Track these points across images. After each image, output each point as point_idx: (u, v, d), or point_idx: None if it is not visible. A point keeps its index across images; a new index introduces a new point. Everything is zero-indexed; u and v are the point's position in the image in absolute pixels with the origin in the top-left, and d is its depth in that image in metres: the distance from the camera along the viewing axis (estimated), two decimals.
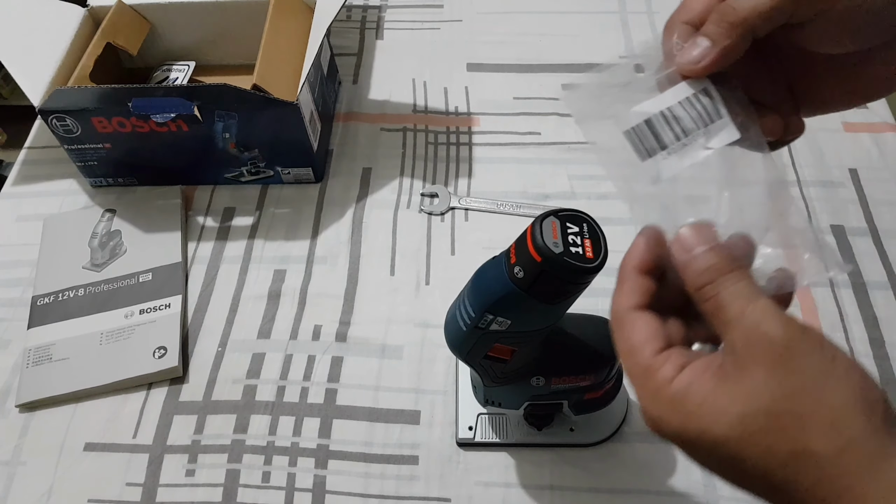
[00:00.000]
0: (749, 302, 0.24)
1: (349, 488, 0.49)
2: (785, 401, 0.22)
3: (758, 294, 0.24)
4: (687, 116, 0.28)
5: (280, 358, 0.55)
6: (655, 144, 0.28)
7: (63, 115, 0.59)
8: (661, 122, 0.28)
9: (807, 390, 0.22)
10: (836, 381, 0.22)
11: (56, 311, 0.57)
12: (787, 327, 0.23)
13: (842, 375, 0.22)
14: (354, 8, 0.83)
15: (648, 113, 0.28)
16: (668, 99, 0.28)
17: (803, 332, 0.23)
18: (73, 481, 0.50)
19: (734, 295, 0.24)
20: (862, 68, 0.28)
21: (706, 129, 0.28)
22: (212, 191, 0.66)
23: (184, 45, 0.71)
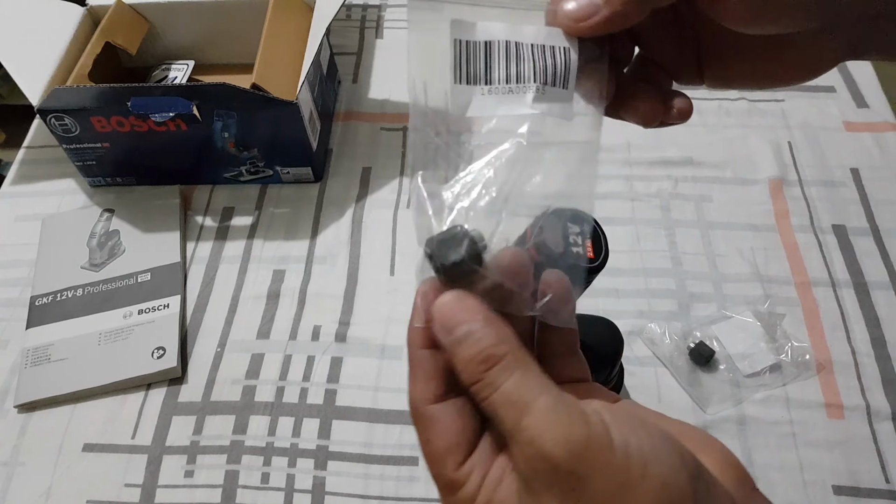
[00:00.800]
0: (523, 412, 0.19)
1: (349, 489, 0.49)
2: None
3: (535, 393, 0.20)
4: (532, 64, 0.23)
5: (279, 358, 0.55)
6: (483, 73, 0.24)
7: (62, 115, 0.58)
8: (501, 54, 0.24)
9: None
10: (634, 498, 0.19)
11: (54, 312, 0.57)
12: (568, 444, 0.19)
13: (645, 490, 0.19)
14: (354, 7, 0.82)
15: (494, 37, 0.23)
16: (526, 35, 0.24)
17: (587, 445, 0.19)
18: (71, 482, 0.50)
19: (506, 400, 0.20)
20: (780, 52, 0.25)
21: (543, 88, 0.24)
22: (211, 190, 0.66)
23: (183, 44, 0.70)
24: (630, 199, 0.63)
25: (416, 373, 0.23)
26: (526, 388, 0.20)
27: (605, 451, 0.19)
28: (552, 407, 0.19)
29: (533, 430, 0.19)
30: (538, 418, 0.19)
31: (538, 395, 0.20)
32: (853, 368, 0.52)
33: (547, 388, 0.20)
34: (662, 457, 0.19)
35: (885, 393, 0.51)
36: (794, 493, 0.47)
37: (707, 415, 0.50)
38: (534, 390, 0.20)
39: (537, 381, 0.20)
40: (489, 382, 0.20)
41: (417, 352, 0.23)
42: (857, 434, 0.49)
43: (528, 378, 0.20)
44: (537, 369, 0.21)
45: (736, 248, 0.59)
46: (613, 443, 0.19)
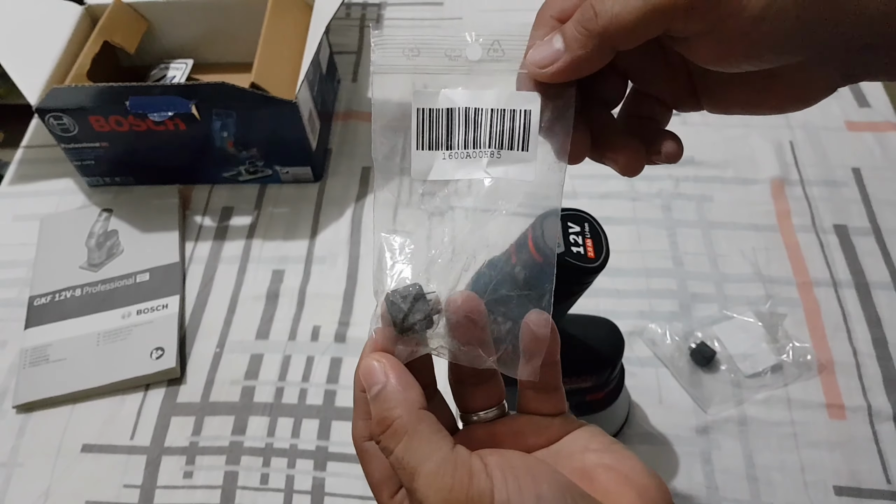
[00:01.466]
0: (412, 476, 0.21)
1: (348, 490, 0.49)
2: None
3: (421, 458, 0.22)
4: (489, 130, 0.24)
5: (278, 359, 0.55)
6: (444, 139, 0.25)
7: (60, 114, 0.58)
8: (461, 120, 0.25)
9: None
10: None
11: (53, 312, 0.57)
12: (448, 502, 0.21)
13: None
14: (353, 5, 0.82)
15: (455, 103, 0.24)
16: (486, 100, 0.24)
17: (466, 502, 0.21)
18: (70, 483, 0.50)
19: (398, 464, 0.22)
20: (769, 83, 0.24)
21: (498, 152, 0.25)
22: (210, 190, 0.66)
23: (181, 43, 0.70)
24: (631, 199, 0.63)
25: (356, 412, 0.25)
26: (412, 454, 0.22)
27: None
28: (436, 470, 0.21)
29: (421, 493, 0.21)
30: (423, 482, 0.21)
31: (424, 459, 0.22)
32: (854, 369, 0.52)
33: (435, 450, 0.22)
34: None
35: (886, 393, 0.51)
36: (796, 493, 0.47)
37: (708, 415, 0.50)
38: (419, 455, 0.22)
39: (426, 444, 0.22)
40: (384, 446, 0.23)
41: (357, 394, 0.25)
42: (859, 434, 0.49)
43: (415, 443, 0.22)
44: (429, 429, 0.22)
45: (737, 248, 0.59)
46: (495, 500, 0.21)
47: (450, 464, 0.22)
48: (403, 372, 0.23)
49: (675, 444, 0.49)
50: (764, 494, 0.47)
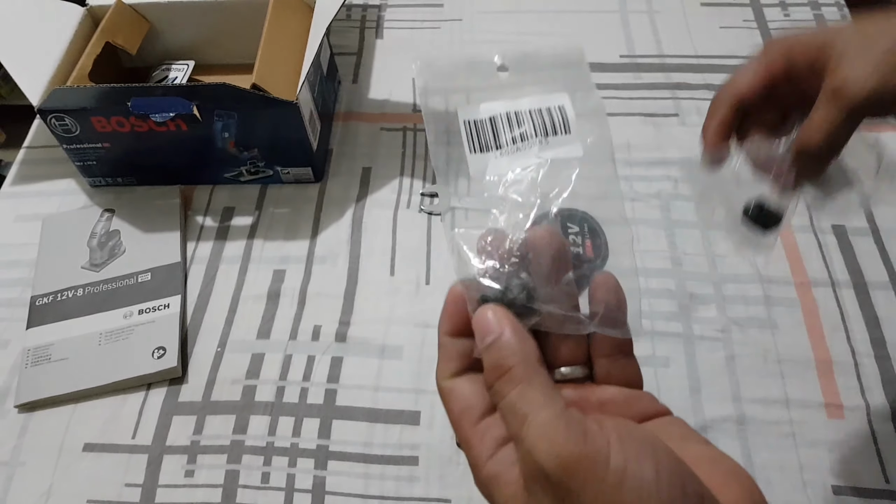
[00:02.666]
0: (522, 423, 0.21)
1: (349, 489, 0.49)
2: None
3: (535, 407, 0.22)
4: (534, 124, 0.28)
5: (279, 358, 0.55)
6: (493, 142, 0.29)
7: (62, 115, 0.58)
8: (505, 124, 0.29)
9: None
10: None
11: (55, 312, 0.57)
12: (560, 458, 0.20)
13: (630, 498, 0.20)
14: (354, 7, 0.82)
15: (496, 112, 0.28)
16: (523, 105, 0.29)
17: (580, 461, 0.20)
18: (72, 482, 0.50)
19: (510, 409, 0.22)
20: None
21: (545, 139, 0.29)
22: (211, 190, 0.66)
23: (183, 44, 0.70)
24: (630, 200, 0.63)
25: (440, 355, 0.26)
26: (526, 401, 0.22)
27: (599, 469, 0.20)
28: (550, 422, 0.21)
29: (530, 441, 0.21)
30: (535, 431, 0.21)
31: (539, 408, 0.22)
32: (853, 368, 0.52)
33: (550, 403, 0.22)
34: (662, 486, 0.20)
35: (884, 393, 0.51)
36: (794, 493, 0.47)
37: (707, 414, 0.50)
38: (534, 403, 0.22)
39: (540, 395, 0.22)
40: (497, 390, 0.23)
41: (442, 338, 0.26)
42: (857, 434, 0.49)
43: (530, 392, 0.22)
44: (544, 384, 0.23)
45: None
46: (610, 463, 0.20)
47: (563, 419, 0.21)
48: (518, 325, 0.24)
49: None
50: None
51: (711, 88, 0.68)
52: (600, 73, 0.73)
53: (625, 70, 0.73)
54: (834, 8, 0.78)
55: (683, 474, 0.21)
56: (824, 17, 0.77)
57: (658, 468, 0.20)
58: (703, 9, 0.78)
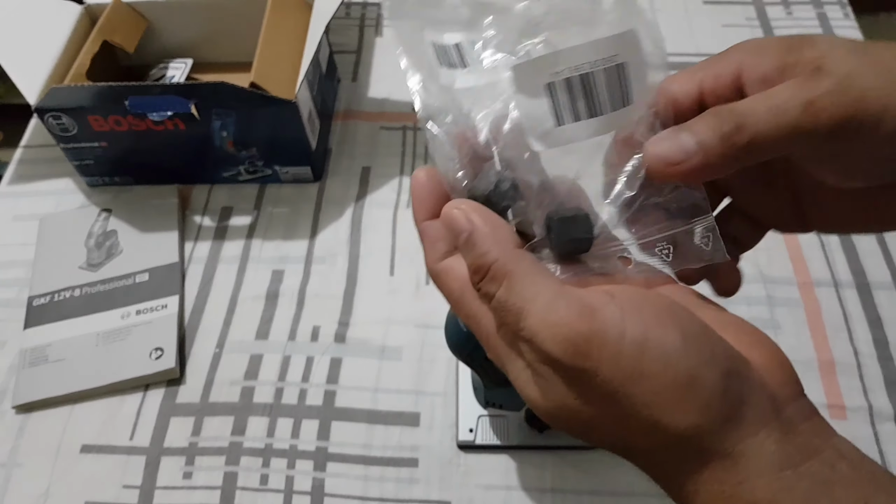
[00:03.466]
0: (519, 316, 0.20)
1: (348, 491, 0.48)
2: (590, 410, 0.20)
3: (528, 296, 0.20)
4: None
5: (278, 359, 0.55)
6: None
7: (59, 114, 0.58)
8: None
9: (612, 397, 0.19)
10: (650, 388, 0.19)
11: (52, 312, 0.57)
12: (567, 341, 0.19)
13: (663, 381, 0.19)
14: (353, 5, 0.82)
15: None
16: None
17: (590, 339, 0.19)
18: (69, 483, 0.50)
19: (502, 308, 0.21)
20: (887, 200, 0.24)
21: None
22: (209, 190, 0.66)
23: (181, 42, 0.70)
24: None
25: (424, 243, 0.25)
26: (516, 294, 0.20)
27: (613, 343, 0.19)
28: (548, 307, 0.20)
29: (530, 332, 0.20)
30: (534, 320, 0.20)
31: (532, 297, 0.20)
32: (856, 369, 0.52)
33: (542, 288, 0.20)
34: (691, 351, 0.19)
35: (887, 394, 0.51)
36: None
37: None
38: (525, 294, 0.20)
39: (529, 284, 0.20)
40: (485, 293, 0.21)
41: (421, 225, 0.25)
42: (860, 435, 0.49)
43: (517, 283, 0.20)
44: (530, 270, 0.21)
45: None
46: (626, 334, 0.19)
47: (562, 298, 0.20)
48: (488, 213, 0.22)
49: None
50: None
51: None
52: None
53: None
54: (836, 6, 0.77)
55: (710, 337, 0.20)
56: (826, 15, 0.77)
57: (684, 332, 0.19)
58: (706, 7, 0.78)
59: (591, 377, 0.19)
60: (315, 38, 0.58)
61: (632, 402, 0.19)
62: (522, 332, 0.20)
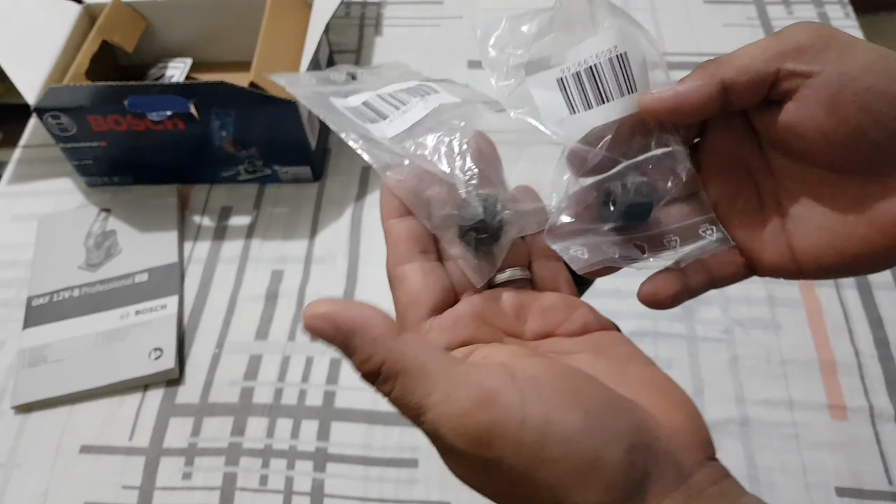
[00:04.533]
0: (419, 412, 0.20)
1: (348, 492, 0.48)
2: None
3: (423, 394, 0.20)
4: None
5: (278, 359, 0.55)
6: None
7: (58, 114, 0.58)
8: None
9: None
10: (551, 475, 0.19)
11: (51, 312, 0.57)
12: (467, 435, 0.19)
13: (564, 466, 0.19)
14: (353, 4, 0.82)
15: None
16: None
17: (491, 430, 0.19)
18: (68, 484, 0.49)
19: (401, 405, 0.20)
20: (874, 198, 0.23)
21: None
22: (208, 190, 0.65)
23: (180, 42, 0.70)
24: None
25: (387, 243, 0.25)
26: (410, 393, 0.20)
27: (513, 432, 0.18)
28: (446, 399, 0.19)
29: (432, 426, 0.19)
30: (434, 414, 0.19)
31: (429, 392, 0.19)
32: (856, 369, 0.52)
33: (438, 380, 0.19)
34: (594, 430, 0.19)
35: (888, 394, 0.51)
36: (797, 495, 0.47)
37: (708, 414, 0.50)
38: (419, 392, 0.19)
39: (422, 378, 0.20)
40: (382, 391, 0.20)
41: (386, 224, 0.25)
42: (861, 435, 0.49)
43: (409, 382, 0.20)
44: (419, 361, 0.20)
45: None
46: (526, 421, 0.19)
47: (461, 387, 0.19)
48: (347, 307, 0.20)
49: None
50: (765, 495, 0.47)
51: None
52: None
53: None
54: (837, 6, 0.77)
55: (615, 411, 0.20)
56: (827, 14, 0.77)
57: (586, 411, 0.19)
58: (706, 6, 0.78)
59: (496, 465, 0.19)
60: (315, 38, 0.58)
61: (536, 486, 0.19)
62: (424, 427, 0.20)
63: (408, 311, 0.23)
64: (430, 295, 0.24)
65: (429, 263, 0.25)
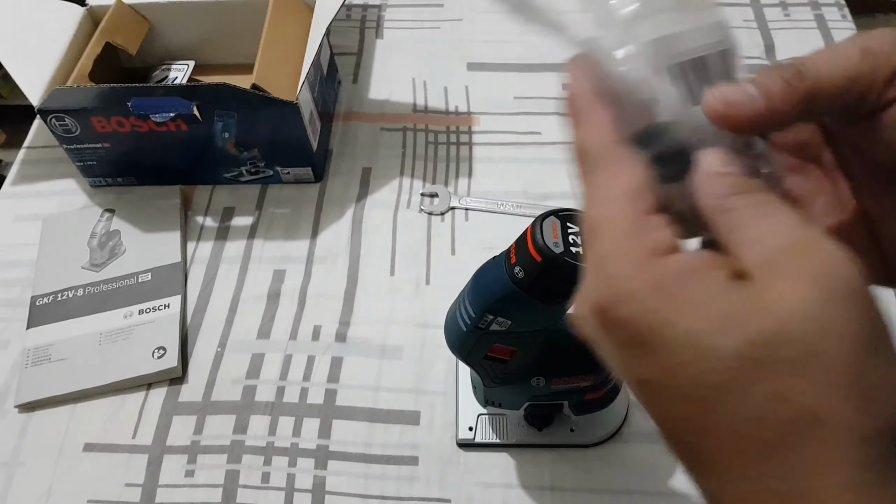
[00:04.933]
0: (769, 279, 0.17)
1: (349, 489, 0.49)
2: (825, 338, 0.16)
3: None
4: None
5: (279, 358, 0.55)
6: None
7: (62, 115, 0.58)
8: None
9: (859, 340, 0.16)
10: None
11: (55, 312, 0.57)
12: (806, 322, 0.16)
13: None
14: (354, 7, 0.82)
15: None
16: None
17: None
18: (72, 482, 0.50)
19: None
20: None
21: None
22: (211, 190, 0.66)
23: (183, 44, 0.70)
24: None
25: (589, 120, 0.22)
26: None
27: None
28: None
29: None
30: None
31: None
32: None
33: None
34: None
35: None
36: None
37: None
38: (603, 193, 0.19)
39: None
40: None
41: (589, 101, 0.22)
42: None
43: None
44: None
45: None
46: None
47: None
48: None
49: None
50: None
51: None
52: None
53: None
54: (834, 8, 0.78)
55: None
56: (824, 17, 0.77)
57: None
58: None
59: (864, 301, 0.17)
60: (316, 40, 0.59)
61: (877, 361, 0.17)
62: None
63: (637, 196, 0.20)
64: (653, 196, 0.21)
65: None
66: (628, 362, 0.19)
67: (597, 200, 0.21)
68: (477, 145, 0.68)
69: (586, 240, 0.21)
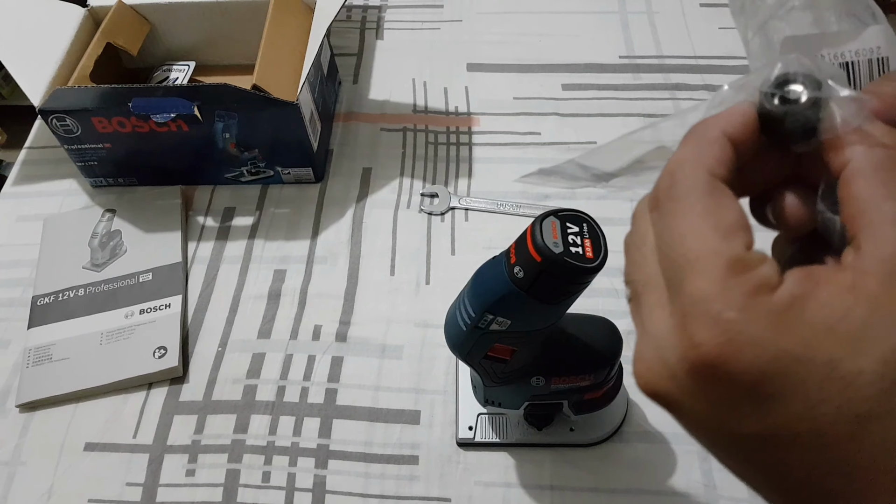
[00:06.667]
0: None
1: (349, 488, 0.49)
2: None
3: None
4: None
5: (280, 358, 0.55)
6: None
7: (63, 115, 0.59)
8: None
9: None
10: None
11: (56, 311, 0.57)
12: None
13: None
14: (354, 8, 0.83)
15: None
16: None
17: None
18: (73, 481, 0.50)
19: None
20: None
21: None
22: (212, 191, 0.66)
23: (184, 45, 0.71)
24: (630, 199, 0.63)
25: (706, 149, 0.20)
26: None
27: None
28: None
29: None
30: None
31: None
32: None
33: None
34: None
35: None
36: None
37: None
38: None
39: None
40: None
41: (717, 135, 0.19)
42: None
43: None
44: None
45: None
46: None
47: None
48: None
49: (672, 443, 0.49)
50: None
51: (710, 89, 0.68)
52: (599, 74, 0.73)
53: (624, 71, 0.73)
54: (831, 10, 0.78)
55: None
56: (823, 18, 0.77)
57: None
58: (703, 10, 0.79)
59: None
60: (316, 41, 0.59)
61: None
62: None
63: (736, 233, 0.18)
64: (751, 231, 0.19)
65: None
66: (740, 422, 0.17)
67: (686, 232, 0.18)
68: (477, 146, 0.69)
69: (670, 278, 0.18)
